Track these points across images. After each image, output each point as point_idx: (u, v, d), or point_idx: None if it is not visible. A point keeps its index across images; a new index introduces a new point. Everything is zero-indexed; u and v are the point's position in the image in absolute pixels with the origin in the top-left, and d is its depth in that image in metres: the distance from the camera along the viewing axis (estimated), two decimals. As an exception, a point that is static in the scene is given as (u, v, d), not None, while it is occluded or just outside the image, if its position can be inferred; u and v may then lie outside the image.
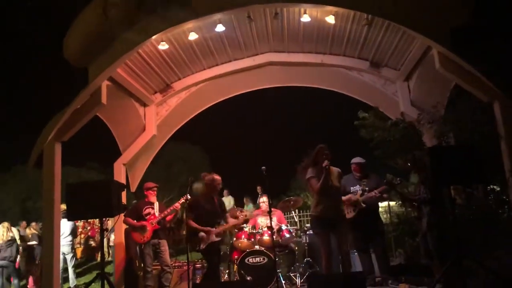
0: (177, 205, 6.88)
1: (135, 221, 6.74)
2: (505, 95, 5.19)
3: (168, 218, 6.97)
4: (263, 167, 5.88)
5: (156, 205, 6.98)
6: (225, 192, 14.94)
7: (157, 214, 6.84)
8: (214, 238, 5.98)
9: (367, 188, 6.41)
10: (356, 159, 6.69)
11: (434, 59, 5.80)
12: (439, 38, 5.40)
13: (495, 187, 6.07)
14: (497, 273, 4.53)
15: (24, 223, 12.49)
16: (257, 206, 10.67)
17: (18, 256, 8.82)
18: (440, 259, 5.31)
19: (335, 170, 5.94)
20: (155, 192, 7.08)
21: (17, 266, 8.73)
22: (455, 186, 5.69)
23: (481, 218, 5.68)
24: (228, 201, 14.36)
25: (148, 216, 6.79)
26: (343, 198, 6.23)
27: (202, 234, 5.95)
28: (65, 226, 8.83)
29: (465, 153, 4.56)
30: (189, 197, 6.52)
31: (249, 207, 12.75)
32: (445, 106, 6.86)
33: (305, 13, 6.44)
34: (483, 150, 4.65)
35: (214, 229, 6.01)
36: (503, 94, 5.21)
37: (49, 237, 5.99)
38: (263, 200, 7.48)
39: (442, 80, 6.29)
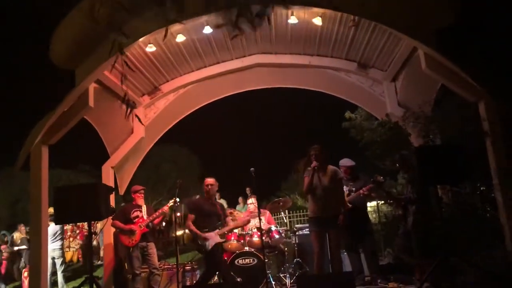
0: (166, 208, 6.89)
1: (123, 224, 6.73)
2: (490, 95, 5.26)
3: (156, 221, 6.96)
4: (252, 169, 5.92)
5: (144, 208, 6.97)
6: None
7: (145, 217, 6.83)
8: (218, 239, 5.95)
9: (353, 189, 6.45)
10: (345, 162, 6.67)
11: (420, 60, 5.86)
12: (425, 39, 5.45)
13: (481, 185, 6.14)
14: (484, 270, 4.59)
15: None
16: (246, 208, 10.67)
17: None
18: (424, 258, 5.37)
19: (330, 169, 5.92)
20: (143, 195, 7.07)
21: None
22: (442, 185, 5.76)
23: (467, 216, 5.75)
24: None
25: (136, 219, 6.77)
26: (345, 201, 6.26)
27: (207, 235, 5.91)
28: (55, 229, 8.75)
29: (451, 152, 4.62)
30: (177, 200, 6.52)
31: (239, 208, 12.75)
32: (431, 106, 6.93)
33: (292, 15, 6.46)
34: (468, 149, 4.71)
35: (213, 233, 5.94)
36: (488, 94, 5.28)
37: (36, 241, 5.94)
38: (251, 202, 7.48)
39: (428, 80, 6.35)
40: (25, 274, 8.22)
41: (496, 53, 5.59)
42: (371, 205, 9.47)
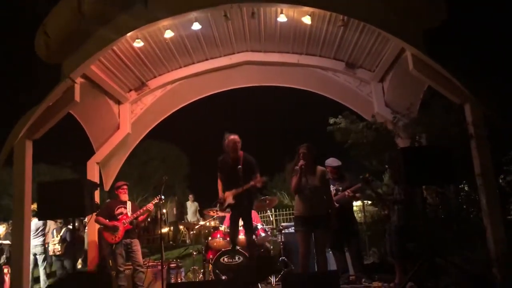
0: (150, 205, 6.85)
1: (106, 220, 6.67)
2: (476, 97, 5.32)
3: (141, 218, 6.94)
4: (239, 167, 5.92)
5: (129, 204, 6.93)
6: (190, 197, 15.00)
7: (129, 213, 6.79)
8: (231, 201, 6.07)
9: (340, 188, 6.48)
10: (331, 162, 6.67)
11: (407, 61, 5.90)
12: (413, 40, 5.48)
13: (465, 187, 6.21)
14: (467, 271, 4.65)
15: None
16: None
17: None
18: (407, 259, 5.43)
19: (319, 170, 5.91)
20: (126, 190, 7.00)
21: None
22: (427, 186, 5.81)
23: (451, 217, 5.81)
24: (195, 207, 14.44)
25: (120, 216, 6.74)
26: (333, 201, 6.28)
27: (224, 194, 6.13)
28: (37, 225, 8.65)
29: (436, 153, 4.65)
30: (162, 197, 6.49)
31: None
32: (418, 107, 6.99)
33: (281, 13, 6.46)
34: (454, 151, 4.75)
35: (229, 193, 6.08)
36: (473, 97, 5.34)
37: (18, 237, 5.86)
38: None
39: (416, 81, 6.39)
40: (5, 270, 8.10)
41: (483, 56, 5.63)
42: (356, 204, 9.51)
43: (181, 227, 15.88)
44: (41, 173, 16.09)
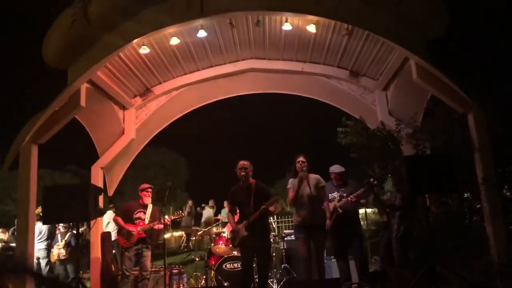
0: (168, 220, 6.76)
1: (123, 222, 6.64)
2: (479, 107, 5.34)
3: (156, 227, 6.70)
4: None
5: (150, 208, 6.84)
6: (210, 202, 14.94)
7: (147, 220, 6.69)
8: (243, 233, 5.54)
9: (344, 194, 6.48)
10: (335, 169, 6.68)
11: (411, 70, 5.93)
12: (417, 49, 5.52)
13: (468, 195, 6.21)
14: (468, 280, 4.64)
15: None
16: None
17: None
18: (407, 267, 5.43)
19: (313, 177, 6.01)
20: (150, 193, 6.91)
21: None
22: (430, 195, 5.82)
23: (454, 226, 5.81)
24: (212, 212, 14.39)
25: (138, 221, 6.67)
26: (327, 207, 6.31)
27: (235, 228, 5.63)
28: (41, 229, 8.68)
29: (440, 162, 4.68)
30: (183, 215, 6.40)
31: (224, 212, 12.74)
32: (422, 116, 7.01)
33: (286, 21, 6.50)
34: (457, 159, 4.77)
35: (240, 225, 5.57)
36: (476, 106, 5.36)
37: (23, 241, 5.87)
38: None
39: (419, 90, 6.42)
40: None
41: (486, 65, 5.67)
42: (359, 212, 9.49)
43: (181, 232, 15.86)
44: (41, 177, 16.14)
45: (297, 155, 6.14)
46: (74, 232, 8.40)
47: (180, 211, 6.56)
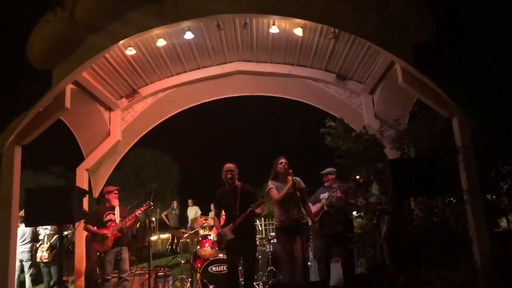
0: (138, 212, 6.78)
1: (95, 228, 6.61)
2: (463, 111, 5.40)
3: (128, 223, 6.74)
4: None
5: (117, 209, 6.84)
6: (189, 202, 14.85)
7: (117, 220, 6.70)
8: (229, 236, 5.56)
9: (334, 194, 6.49)
10: (327, 170, 6.79)
11: (397, 74, 5.98)
12: (402, 53, 5.57)
13: (452, 199, 6.26)
14: (452, 283, 4.68)
15: None
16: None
17: None
18: (394, 269, 5.45)
19: (296, 179, 6.02)
20: (117, 195, 6.94)
21: None
22: (415, 198, 5.86)
23: (438, 229, 5.85)
24: (195, 211, 14.30)
25: (109, 223, 6.66)
26: (313, 209, 6.32)
27: (221, 231, 5.64)
28: (24, 232, 8.55)
29: (424, 165, 4.71)
30: (151, 204, 6.45)
31: (212, 214, 12.70)
32: (407, 120, 7.06)
33: (273, 24, 6.51)
34: (442, 163, 4.80)
35: (226, 228, 5.60)
36: (461, 110, 5.42)
37: (4, 244, 5.77)
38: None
39: (405, 94, 6.48)
40: None
41: (471, 70, 5.72)
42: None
43: (168, 235, 15.78)
44: (24, 179, 15.98)
45: (279, 157, 6.17)
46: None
47: (148, 201, 6.55)
